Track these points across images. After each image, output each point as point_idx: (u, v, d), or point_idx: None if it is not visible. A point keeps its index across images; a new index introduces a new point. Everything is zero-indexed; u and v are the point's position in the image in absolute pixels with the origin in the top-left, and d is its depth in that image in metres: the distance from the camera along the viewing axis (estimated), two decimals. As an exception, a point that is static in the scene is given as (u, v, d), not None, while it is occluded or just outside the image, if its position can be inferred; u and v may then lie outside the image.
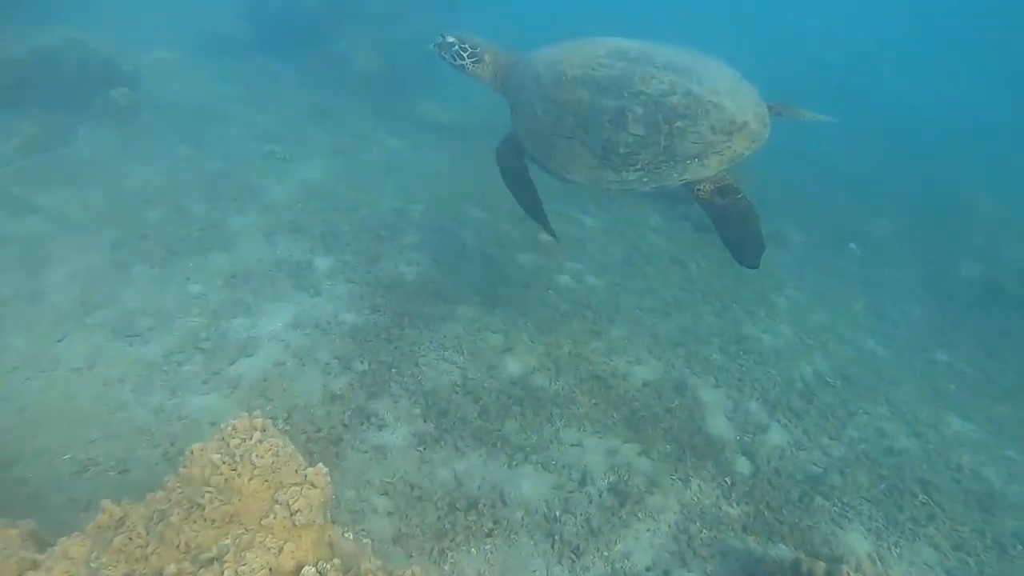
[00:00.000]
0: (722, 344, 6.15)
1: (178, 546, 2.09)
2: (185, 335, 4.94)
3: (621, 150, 3.26)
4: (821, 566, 3.35)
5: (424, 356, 5.10)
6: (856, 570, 3.25)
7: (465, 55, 4.05)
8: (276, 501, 2.19)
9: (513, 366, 5.20)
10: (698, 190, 3.44)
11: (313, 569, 2.07)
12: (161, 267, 5.69)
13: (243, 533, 2.11)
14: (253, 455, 2.23)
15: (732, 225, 3.40)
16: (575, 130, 3.39)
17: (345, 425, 4.36)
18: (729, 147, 3.25)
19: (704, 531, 4.17)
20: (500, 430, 4.56)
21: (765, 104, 3.49)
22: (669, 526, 4.15)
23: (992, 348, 7.78)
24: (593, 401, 5.01)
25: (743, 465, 4.80)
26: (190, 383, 4.51)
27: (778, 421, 5.35)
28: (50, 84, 8.11)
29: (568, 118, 3.40)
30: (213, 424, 4.13)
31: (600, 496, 4.24)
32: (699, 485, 4.51)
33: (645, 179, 3.31)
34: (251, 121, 9.16)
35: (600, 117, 3.28)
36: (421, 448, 4.31)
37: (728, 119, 3.21)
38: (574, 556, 3.81)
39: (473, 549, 3.73)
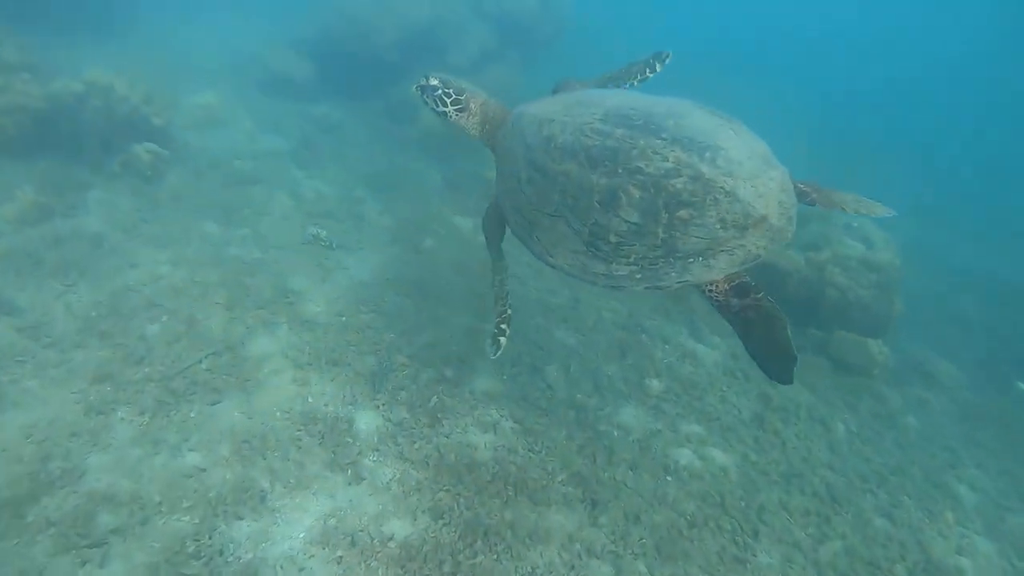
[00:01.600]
0: (911, 577, 4.47)
1: None
2: (164, 549, 3.47)
3: (611, 238, 2.84)
4: None
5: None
6: None
7: (448, 101, 3.71)
8: None
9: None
10: (709, 288, 2.92)
11: None
12: (151, 418, 4.30)
13: None
14: None
15: (753, 332, 2.86)
16: (561, 208, 2.98)
17: None
18: (741, 246, 2.75)
19: None
20: None
21: (796, 188, 2.99)
22: None
23: None
24: None
25: None
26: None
27: None
28: (67, 135, 6.95)
29: (554, 193, 3.00)
30: None
31: None
32: None
33: (638, 275, 2.85)
34: (298, 188, 7.86)
35: (589, 196, 2.86)
36: None
37: (742, 211, 2.69)
38: None
39: None
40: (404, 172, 9.16)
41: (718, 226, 2.71)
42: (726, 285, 2.90)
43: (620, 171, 2.79)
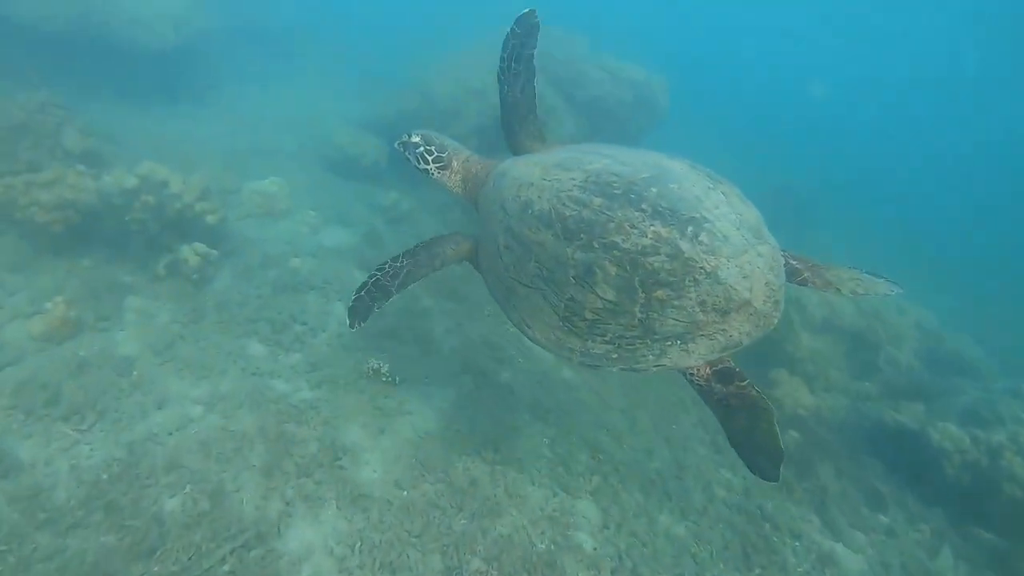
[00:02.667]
0: None
1: None
2: None
3: (587, 315, 2.70)
4: None
5: None
6: None
7: (430, 159, 3.69)
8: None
9: None
10: (690, 372, 2.75)
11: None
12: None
13: None
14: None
15: (736, 422, 2.66)
16: (536, 280, 2.85)
17: None
18: (723, 331, 2.59)
19: None
20: None
21: (787, 264, 2.87)
22: None
23: None
24: None
25: None
26: None
27: None
28: (115, 232, 6.33)
29: (530, 263, 2.87)
30: None
31: None
32: None
33: (614, 355, 2.71)
34: (358, 296, 6.94)
35: (565, 270, 2.72)
36: None
37: (724, 294, 2.54)
38: None
39: None
40: (476, 277, 8.22)
41: (698, 309, 2.57)
42: (708, 370, 2.77)
43: (596, 245, 2.66)
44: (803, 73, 37.53)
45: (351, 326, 3.43)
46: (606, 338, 2.72)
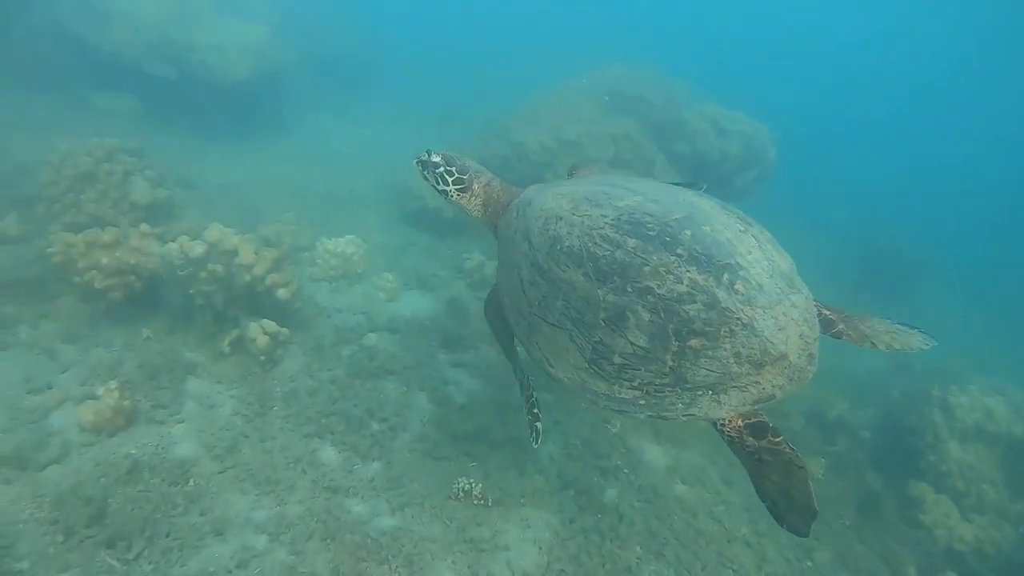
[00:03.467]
0: None
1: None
2: None
3: (616, 359, 2.64)
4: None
5: None
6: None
7: (450, 180, 3.65)
8: None
9: None
10: (722, 423, 2.71)
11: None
12: None
13: None
14: None
15: (768, 477, 2.60)
16: (563, 320, 2.78)
17: None
18: (756, 384, 2.55)
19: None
20: None
21: (820, 315, 2.87)
22: None
23: None
24: None
25: None
26: None
27: None
28: (179, 302, 5.74)
29: (557, 301, 2.81)
30: None
31: None
32: None
33: (642, 402, 2.65)
34: (444, 386, 6.23)
35: (595, 312, 2.67)
36: None
37: (760, 347, 2.51)
38: None
39: None
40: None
41: (732, 360, 2.51)
42: (740, 422, 2.69)
43: (629, 289, 2.60)
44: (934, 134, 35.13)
45: (535, 442, 3.44)
46: (634, 384, 2.65)
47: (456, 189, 3.70)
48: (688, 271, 2.57)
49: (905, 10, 39.13)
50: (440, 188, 3.73)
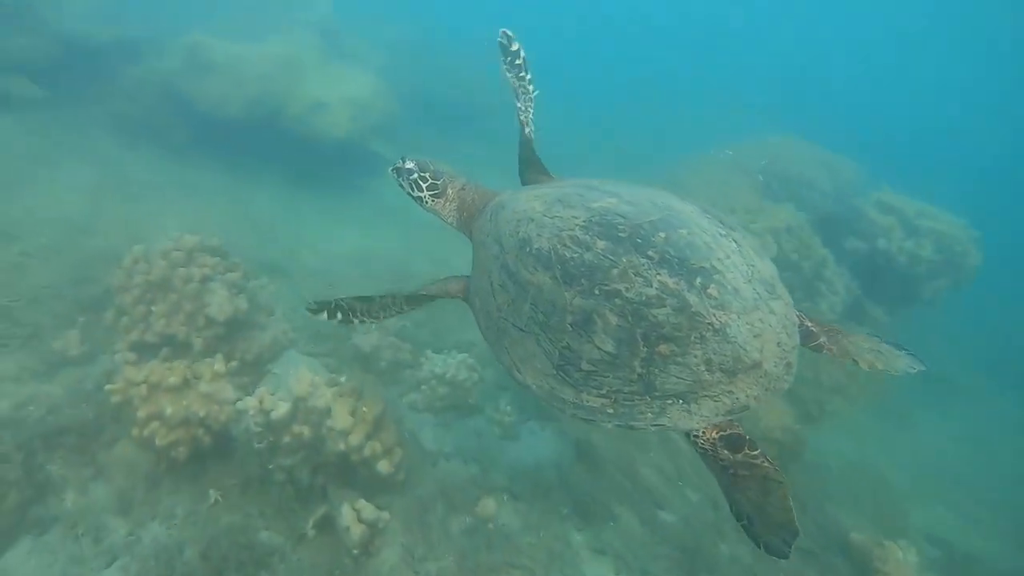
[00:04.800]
0: None
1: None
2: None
3: (583, 366, 2.54)
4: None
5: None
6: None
7: (424, 185, 3.59)
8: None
9: None
10: (695, 435, 2.59)
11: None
12: None
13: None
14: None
15: (744, 493, 2.47)
16: (531, 324, 2.70)
17: None
18: (729, 393, 2.44)
19: None
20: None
21: (801, 325, 2.72)
22: None
23: None
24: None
25: None
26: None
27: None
28: (254, 465, 4.55)
29: (525, 305, 2.72)
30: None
31: None
32: None
33: (610, 410, 2.53)
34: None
35: (562, 316, 2.57)
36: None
37: (733, 353, 2.40)
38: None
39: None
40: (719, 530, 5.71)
41: (703, 367, 2.41)
42: (715, 434, 2.57)
43: (597, 292, 2.50)
44: None
45: (314, 313, 3.41)
46: (602, 391, 2.53)
47: (430, 195, 3.62)
48: (658, 274, 2.47)
49: None
50: (415, 195, 3.64)
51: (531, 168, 3.67)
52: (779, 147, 9.77)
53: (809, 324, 2.87)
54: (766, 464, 2.50)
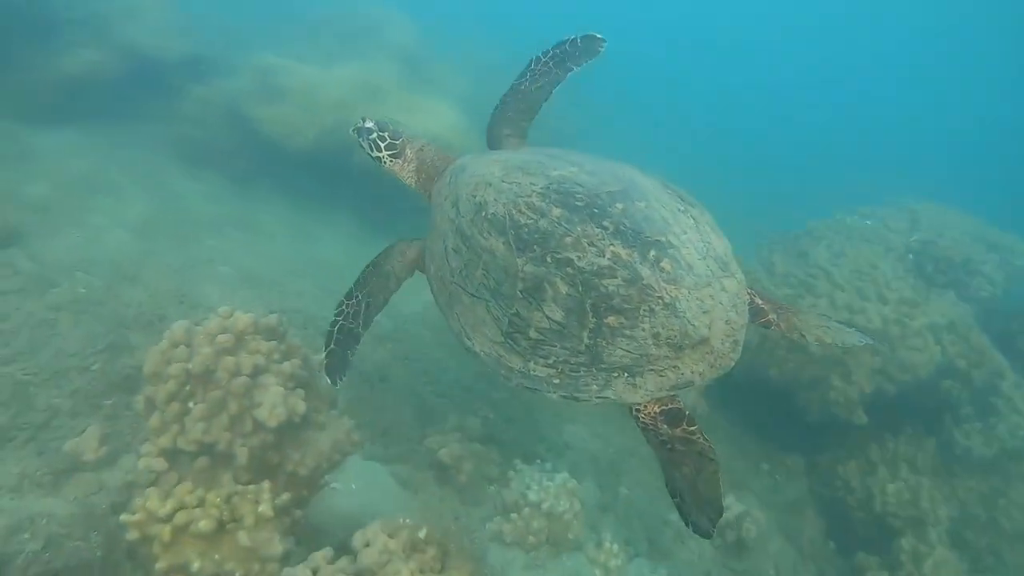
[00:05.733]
0: None
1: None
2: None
3: (532, 334, 2.56)
4: None
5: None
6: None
7: (382, 145, 3.59)
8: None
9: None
10: (636, 408, 2.61)
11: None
12: None
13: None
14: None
15: (679, 468, 2.49)
16: (482, 289, 2.73)
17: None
18: (675, 368, 2.49)
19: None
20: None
21: (751, 303, 2.79)
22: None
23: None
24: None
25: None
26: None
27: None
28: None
29: (477, 270, 2.75)
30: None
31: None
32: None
33: (556, 381, 2.56)
34: None
35: (513, 283, 2.59)
36: None
37: (680, 328, 2.44)
38: None
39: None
40: None
41: (650, 341, 2.45)
42: (656, 408, 2.59)
43: (549, 260, 2.54)
44: None
45: (333, 383, 3.36)
46: (548, 361, 2.56)
47: (389, 155, 3.57)
48: (612, 244, 2.48)
49: None
50: (374, 155, 3.60)
51: (508, 125, 3.63)
52: (926, 216, 8.25)
53: (759, 301, 2.85)
54: (702, 440, 2.48)
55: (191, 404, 4.37)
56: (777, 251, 8.31)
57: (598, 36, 3.65)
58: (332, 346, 3.34)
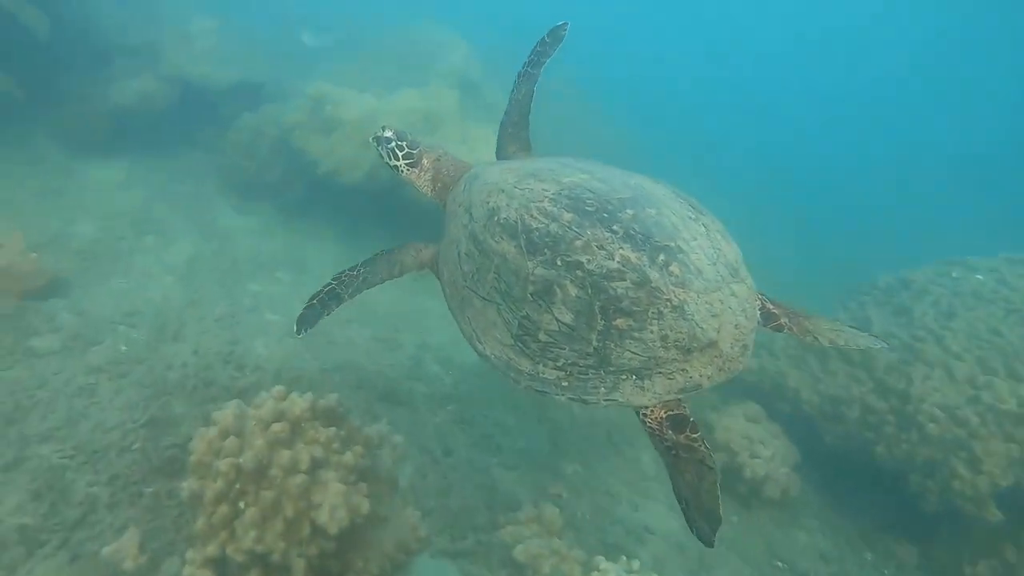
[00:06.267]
0: None
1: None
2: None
3: (541, 336, 2.57)
4: None
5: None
6: None
7: (400, 154, 3.61)
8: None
9: None
10: (644, 412, 2.60)
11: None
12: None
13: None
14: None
15: (683, 475, 2.46)
16: (493, 293, 2.74)
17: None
18: (683, 371, 2.47)
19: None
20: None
21: (762, 308, 2.80)
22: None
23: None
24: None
25: None
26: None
27: None
28: None
29: (489, 274, 2.77)
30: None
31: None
32: None
33: (564, 383, 2.56)
34: None
35: (524, 286, 2.61)
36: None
37: (689, 331, 2.42)
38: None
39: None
40: None
41: (659, 343, 2.43)
42: (663, 413, 2.57)
43: (559, 263, 2.54)
44: None
45: (297, 333, 3.23)
46: (558, 364, 2.55)
47: (406, 164, 3.58)
48: (621, 247, 2.48)
49: None
50: (392, 164, 3.61)
51: (512, 141, 3.67)
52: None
53: (770, 306, 2.86)
54: (703, 448, 2.46)
55: (242, 505, 3.84)
56: (869, 304, 7.50)
57: (560, 23, 3.81)
58: (315, 302, 3.30)
